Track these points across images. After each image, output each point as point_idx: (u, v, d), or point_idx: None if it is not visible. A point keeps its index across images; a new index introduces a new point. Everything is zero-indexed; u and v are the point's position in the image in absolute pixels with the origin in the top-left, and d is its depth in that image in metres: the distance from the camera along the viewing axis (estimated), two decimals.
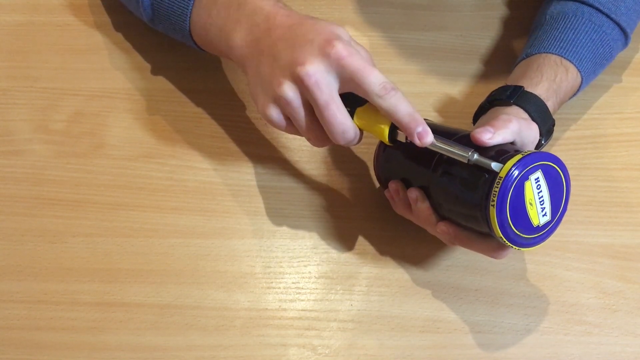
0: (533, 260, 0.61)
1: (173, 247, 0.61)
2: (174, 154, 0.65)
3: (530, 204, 0.49)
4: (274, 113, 0.52)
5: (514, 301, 0.59)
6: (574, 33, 0.62)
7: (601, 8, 0.62)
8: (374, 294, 0.59)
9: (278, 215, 0.63)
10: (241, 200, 0.63)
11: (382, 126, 0.52)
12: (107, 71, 0.70)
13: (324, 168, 0.65)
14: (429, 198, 0.54)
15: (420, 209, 0.54)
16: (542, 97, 0.58)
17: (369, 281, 0.60)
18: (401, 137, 0.52)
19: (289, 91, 0.51)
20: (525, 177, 0.48)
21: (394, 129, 0.52)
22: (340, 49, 0.49)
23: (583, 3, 0.63)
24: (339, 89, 0.51)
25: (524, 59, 0.63)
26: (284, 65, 0.50)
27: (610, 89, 0.70)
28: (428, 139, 0.50)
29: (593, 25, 0.62)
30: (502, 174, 0.47)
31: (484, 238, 0.52)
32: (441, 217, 0.54)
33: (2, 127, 0.67)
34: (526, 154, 0.48)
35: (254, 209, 0.63)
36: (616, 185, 0.64)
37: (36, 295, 0.59)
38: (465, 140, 0.51)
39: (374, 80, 0.50)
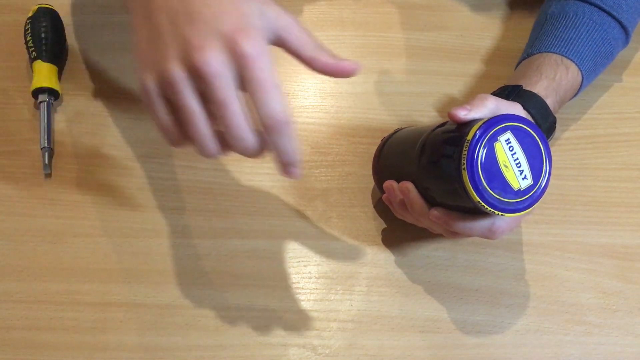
0: (533, 260, 0.61)
1: (173, 247, 0.61)
2: (174, 154, 0.65)
3: (505, 166, 0.48)
4: (152, 85, 0.43)
5: (514, 301, 0.59)
6: (574, 32, 0.62)
7: (603, 6, 0.62)
8: (374, 294, 0.59)
9: (278, 215, 0.63)
10: (241, 200, 0.63)
11: None
12: (108, 71, 0.70)
13: (324, 168, 0.65)
14: (419, 190, 0.54)
15: (413, 201, 0.54)
16: (540, 95, 0.58)
17: (369, 281, 0.60)
18: None
19: (178, 72, 0.42)
20: (494, 138, 0.48)
21: None
22: (249, 48, 0.42)
23: (584, 1, 0.63)
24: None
25: (525, 58, 0.63)
26: (179, 38, 0.42)
27: (610, 88, 0.70)
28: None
29: (594, 23, 0.62)
30: (469, 137, 0.47)
31: (474, 217, 0.52)
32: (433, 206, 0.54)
33: (2, 127, 0.67)
34: (493, 116, 0.48)
35: (253, 209, 0.63)
36: (616, 185, 0.64)
37: (36, 295, 0.59)
38: (444, 125, 0.52)
39: (272, 109, 0.43)
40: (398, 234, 0.62)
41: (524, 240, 0.62)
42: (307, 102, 0.69)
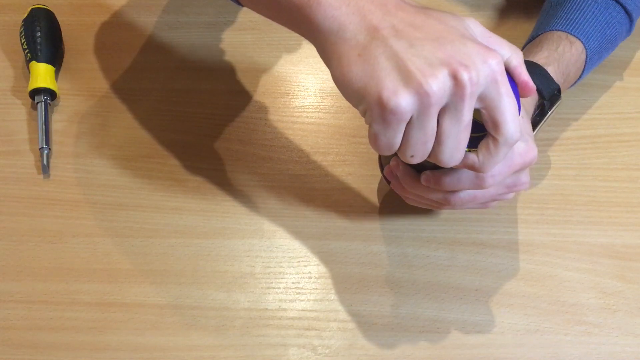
0: (533, 260, 0.61)
1: (173, 247, 0.61)
2: (174, 154, 0.65)
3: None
4: (406, 102, 0.41)
5: (514, 301, 0.59)
6: (580, 13, 0.62)
7: None
8: (373, 294, 0.59)
9: (278, 215, 0.63)
10: (241, 200, 0.63)
11: None
12: (108, 71, 0.70)
13: (323, 168, 0.65)
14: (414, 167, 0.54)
15: (403, 172, 0.54)
16: (540, 63, 0.58)
17: (369, 281, 0.60)
18: None
19: (443, 87, 0.41)
20: None
21: None
22: (499, 63, 0.42)
23: None
24: None
25: (529, 41, 0.63)
26: (434, 58, 0.41)
27: (611, 89, 0.70)
28: None
29: (599, 6, 0.62)
30: None
31: (459, 169, 0.50)
32: None
33: (3, 127, 0.67)
34: None
35: (254, 209, 0.63)
36: (616, 185, 0.64)
37: (36, 295, 0.59)
38: None
39: (512, 130, 0.44)
40: (398, 234, 0.62)
41: (524, 240, 0.62)
42: (307, 102, 0.69)
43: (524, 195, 0.63)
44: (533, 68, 0.58)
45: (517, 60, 0.46)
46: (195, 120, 0.67)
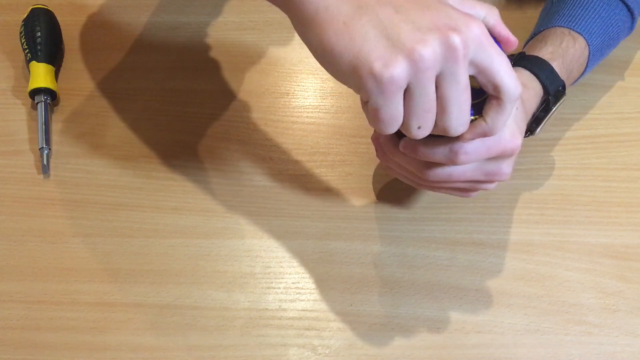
0: (533, 260, 0.61)
1: (173, 247, 0.61)
2: (174, 154, 0.66)
3: None
4: (401, 69, 0.40)
5: (514, 301, 0.59)
6: (582, 10, 0.62)
7: None
8: (374, 294, 0.59)
9: (278, 215, 0.63)
10: (241, 200, 0.63)
11: None
12: (108, 71, 0.70)
13: (323, 168, 0.65)
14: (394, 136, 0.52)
15: (385, 138, 0.53)
16: (545, 59, 0.58)
17: (369, 281, 0.60)
18: None
19: (435, 52, 0.40)
20: None
21: None
22: (481, 26, 0.42)
23: None
24: None
25: (532, 38, 0.63)
26: (422, 24, 0.41)
27: (610, 89, 0.70)
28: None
29: (602, 3, 0.62)
30: None
31: (436, 140, 0.49)
32: None
33: (2, 127, 0.67)
34: None
35: (254, 209, 0.63)
36: (616, 185, 0.64)
37: (36, 295, 0.59)
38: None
39: (513, 85, 0.43)
40: (398, 234, 0.62)
41: (524, 240, 0.62)
42: (307, 102, 0.69)
43: (524, 195, 0.63)
44: (538, 63, 0.58)
45: (493, 18, 0.47)
46: (195, 120, 0.67)
